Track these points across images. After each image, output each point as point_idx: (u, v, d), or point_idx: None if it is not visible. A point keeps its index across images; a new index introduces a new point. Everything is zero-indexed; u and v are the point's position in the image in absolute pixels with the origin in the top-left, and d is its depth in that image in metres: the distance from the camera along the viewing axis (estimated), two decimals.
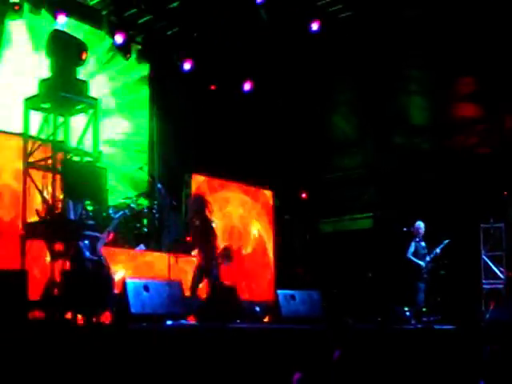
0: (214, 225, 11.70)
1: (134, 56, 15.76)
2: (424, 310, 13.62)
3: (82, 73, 10.24)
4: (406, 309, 13.42)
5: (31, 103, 9.90)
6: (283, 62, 16.88)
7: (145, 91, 16.35)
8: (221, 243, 12.13)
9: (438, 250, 13.77)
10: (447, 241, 13.80)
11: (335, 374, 7.85)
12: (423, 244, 13.93)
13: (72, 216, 9.32)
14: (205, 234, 11.54)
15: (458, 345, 10.65)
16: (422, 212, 14.65)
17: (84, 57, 9.79)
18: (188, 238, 13.97)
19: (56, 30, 10.66)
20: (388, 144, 17.11)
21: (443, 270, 14.81)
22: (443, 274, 14.86)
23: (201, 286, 11.26)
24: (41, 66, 10.82)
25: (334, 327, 10.48)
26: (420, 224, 13.98)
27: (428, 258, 13.76)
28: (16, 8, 13.63)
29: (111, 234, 11.06)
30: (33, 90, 9.88)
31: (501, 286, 15.14)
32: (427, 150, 16.49)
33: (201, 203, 11.83)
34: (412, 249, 13.84)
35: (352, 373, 7.88)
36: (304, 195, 17.74)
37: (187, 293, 10.68)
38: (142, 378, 7.58)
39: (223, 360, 8.31)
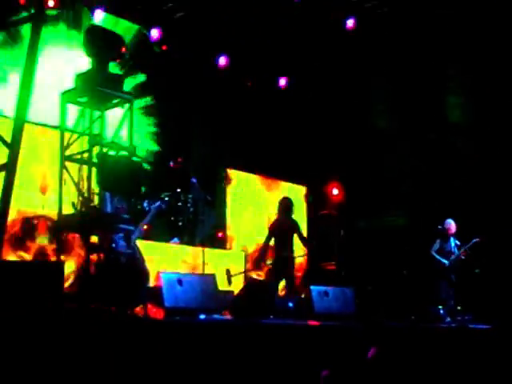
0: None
1: None
2: (459, 308, 13.54)
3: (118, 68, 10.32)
4: (440, 307, 13.34)
5: (68, 97, 9.99)
6: (319, 59, 16.83)
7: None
8: None
9: (463, 250, 13.66)
10: (475, 240, 13.69)
11: (370, 372, 7.83)
12: (452, 242, 13.84)
13: (109, 209, 9.39)
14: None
15: (494, 344, 10.57)
16: (458, 211, 14.56)
17: (121, 51, 9.85)
18: (220, 233, 14.04)
19: (93, 25, 10.75)
20: (425, 142, 17.01)
21: (478, 268, 14.72)
22: (478, 272, 14.77)
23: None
24: (78, 61, 10.87)
25: (367, 325, 10.44)
26: (450, 221, 13.89)
27: (453, 257, 13.66)
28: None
29: (146, 226, 11.14)
30: (69, 84, 9.97)
31: None
32: (464, 149, 16.37)
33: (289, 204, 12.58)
34: (437, 246, 13.78)
35: (386, 370, 7.86)
36: (336, 192, 17.70)
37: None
38: (174, 371, 7.61)
39: (255, 355, 8.32)
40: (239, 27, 15.57)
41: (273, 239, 12.36)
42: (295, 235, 12.50)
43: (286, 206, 12.52)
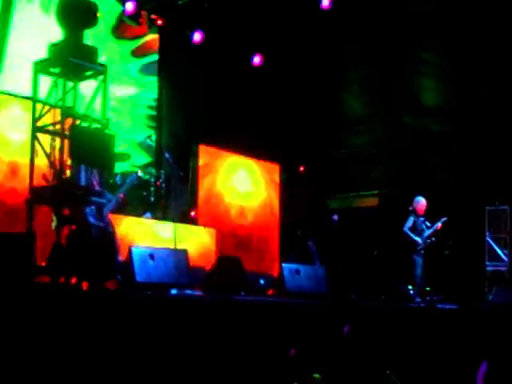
0: None
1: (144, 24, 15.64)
2: (428, 289, 13.61)
3: (91, 39, 10.18)
4: (410, 287, 13.41)
5: (40, 67, 9.85)
6: (295, 38, 16.78)
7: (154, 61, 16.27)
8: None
9: (434, 228, 13.73)
10: (444, 218, 13.75)
11: (344, 349, 7.86)
12: (423, 219, 13.88)
13: (83, 182, 9.30)
14: None
15: (461, 325, 10.65)
16: (428, 192, 14.61)
17: (95, 17, 9.72)
18: (193, 213, 13.96)
19: None
20: (397, 123, 17.05)
21: (447, 250, 14.82)
22: (447, 254, 14.87)
23: None
24: (51, 29, 10.72)
25: (339, 303, 10.47)
26: (420, 199, 13.91)
27: (425, 234, 13.72)
28: None
29: (123, 197, 11.07)
30: (43, 53, 9.84)
31: (504, 269, 15.16)
32: (436, 130, 16.42)
33: None
34: (409, 223, 13.75)
35: (359, 348, 7.89)
36: (302, 168, 17.70)
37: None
38: (145, 345, 7.58)
39: (226, 331, 8.31)
40: (214, 4, 15.48)
41: None
42: None
43: None
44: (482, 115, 15.53)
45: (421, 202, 13.87)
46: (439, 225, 13.73)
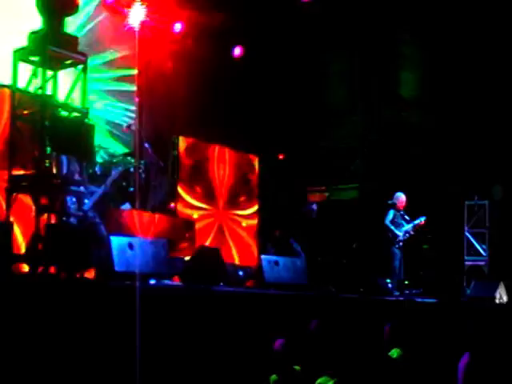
0: None
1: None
2: (406, 282, 13.67)
3: (72, 28, 10.11)
4: (389, 281, 13.45)
5: (20, 55, 9.74)
6: (275, 30, 16.74)
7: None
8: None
9: (414, 224, 13.79)
10: (423, 218, 13.81)
11: (312, 343, 7.87)
12: (402, 213, 13.95)
13: (65, 171, 9.25)
14: None
15: (440, 318, 10.68)
16: (408, 186, 14.67)
17: (76, 5, 9.65)
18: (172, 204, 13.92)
19: None
20: (377, 116, 17.08)
21: (426, 244, 14.88)
22: (426, 248, 14.93)
23: None
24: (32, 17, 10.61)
25: (317, 295, 10.48)
26: (400, 194, 14.01)
27: (404, 229, 13.77)
28: None
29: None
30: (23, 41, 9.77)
31: (482, 263, 15.24)
32: (415, 123, 16.46)
33: None
34: (390, 216, 13.88)
35: (330, 342, 7.89)
36: (281, 156, 17.72)
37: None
38: (123, 335, 7.55)
39: (204, 322, 8.30)
40: None
41: None
42: None
43: None
44: (461, 108, 15.60)
45: (401, 197, 14.01)
46: (422, 221, 13.78)
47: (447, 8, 15.33)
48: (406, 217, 13.92)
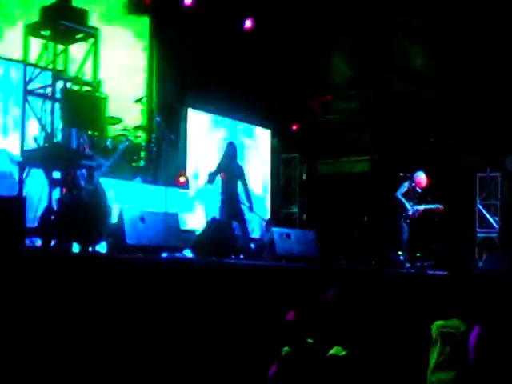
0: None
1: None
2: (418, 255, 13.62)
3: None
4: (400, 253, 13.42)
5: (31, 30, 9.75)
6: (285, 3, 16.66)
7: (145, 24, 16.11)
8: None
9: (425, 208, 13.61)
10: (439, 206, 13.62)
11: (328, 314, 7.88)
12: (419, 191, 13.73)
13: (74, 145, 9.27)
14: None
15: (451, 291, 10.67)
16: (420, 159, 14.62)
17: None
18: (182, 178, 13.92)
19: None
20: (388, 89, 17.00)
21: (438, 216, 14.83)
22: (438, 220, 14.88)
23: None
24: None
25: (328, 267, 10.49)
26: (420, 173, 13.67)
27: (416, 207, 13.58)
28: None
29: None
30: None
31: (494, 235, 15.22)
32: (427, 97, 16.38)
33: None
34: (403, 189, 13.56)
35: (345, 313, 7.90)
36: (295, 127, 17.70)
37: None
38: (135, 309, 7.60)
39: (216, 295, 8.33)
40: None
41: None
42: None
43: (231, 151, 12.42)
44: (472, 81, 15.51)
45: (420, 176, 13.62)
46: (440, 207, 13.57)
47: None
48: (423, 194, 13.66)
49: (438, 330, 7.72)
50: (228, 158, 12.30)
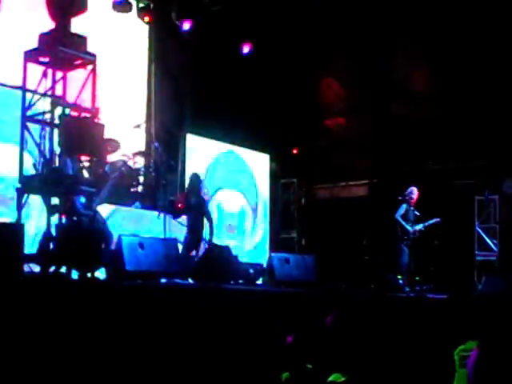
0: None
1: (133, 13, 15.53)
2: (417, 278, 13.61)
3: (81, 28, 10.12)
4: (399, 277, 13.41)
5: (30, 56, 9.80)
6: (282, 26, 16.70)
7: (143, 50, 16.18)
8: None
9: (425, 225, 13.66)
10: (438, 219, 13.67)
11: (327, 339, 7.85)
12: (414, 211, 13.78)
13: (70, 172, 9.28)
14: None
15: (451, 314, 10.66)
16: (418, 182, 14.62)
17: (84, 5, 9.68)
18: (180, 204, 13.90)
19: None
20: (386, 112, 17.03)
21: (437, 239, 14.82)
22: (437, 243, 14.88)
23: None
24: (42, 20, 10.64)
25: (328, 292, 10.47)
26: (413, 190, 13.82)
27: (416, 227, 13.62)
28: None
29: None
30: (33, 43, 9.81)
31: (493, 258, 15.21)
32: (425, 118, 16.41)
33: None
34: (401, 211, 13.62)
35: (344, 338, 7.87)
36: (295, 151, 17.73)
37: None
38: (135, 335, 7.58)
39: (216, 320, 8.31)
40: None
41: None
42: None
43: (195, 184, 12.47)
44: (471, 104, 15.54)
45: (415, 192, 13.74)
46: (438, 220, 13.63)
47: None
48: (417, 213, 13.77)
49: (458, 355, 7.69)
50: (191, 191, 12.36)
